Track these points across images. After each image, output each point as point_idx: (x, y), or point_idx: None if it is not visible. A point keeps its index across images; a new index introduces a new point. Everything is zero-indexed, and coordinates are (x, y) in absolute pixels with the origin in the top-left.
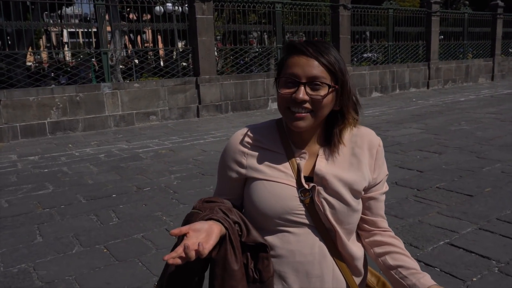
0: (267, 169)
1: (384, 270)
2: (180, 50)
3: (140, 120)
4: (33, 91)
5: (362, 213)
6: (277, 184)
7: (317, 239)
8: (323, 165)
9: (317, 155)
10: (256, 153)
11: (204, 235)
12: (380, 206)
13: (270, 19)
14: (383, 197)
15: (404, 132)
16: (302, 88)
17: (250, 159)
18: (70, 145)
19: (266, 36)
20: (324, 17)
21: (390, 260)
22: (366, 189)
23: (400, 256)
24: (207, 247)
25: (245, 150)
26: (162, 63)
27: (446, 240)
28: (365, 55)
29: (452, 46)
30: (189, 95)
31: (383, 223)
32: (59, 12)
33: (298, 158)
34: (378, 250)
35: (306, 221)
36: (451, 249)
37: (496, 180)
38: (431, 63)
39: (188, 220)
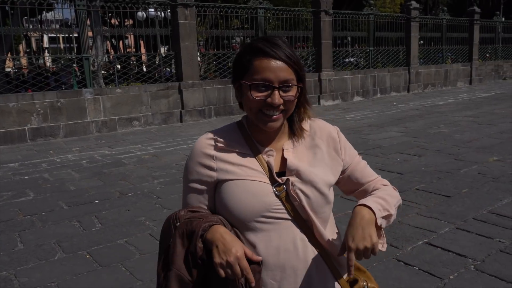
0: (238, 169)
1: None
2: (163, 56)
3: (122, 126)
4: (12, 97)
5: (356, 186)
6: (251, 182)
7: (297, 231)
8: (292, 158)
9: (282, 149)
10: (224, 155)
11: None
12: (366, 173)
13: (252, 24)
14: (363, 163)
15: (385, 136)
16: (277, 92)
17: (219, 162)
18: (51, 152)
19: (249, 41)
20: (306, 23)
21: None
22: (343, 171)
23: (379, 191)
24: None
25: (213, 153)
26: (144, 69)
27: (424, 239)
28: (347, 60)
29: (431, 51)
30: (172, 100)
31: (379, 181)
32: (39, 17)
33: (265, 156)
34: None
35: (285, 215)
36: (430, 249)
37: (473, 181)
38: (411, 68)
39: (189, 230)
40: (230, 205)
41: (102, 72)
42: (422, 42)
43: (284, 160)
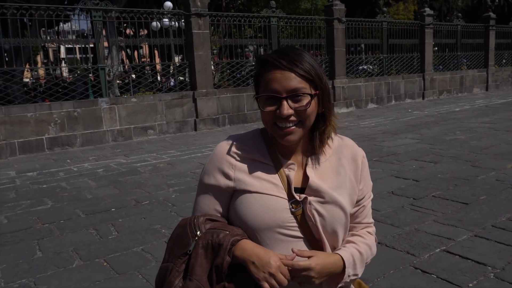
0: (256, 182)
1: None
2: (177, 65)
3: (138, 135)
4: (30, 107)
5: (351, 222)
6: (268, 196)
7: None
8: (314, 177)
9: (305, 164)
10: (244, 165)
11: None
12: (368, 213)
13: (266, 33)
14: (370, 204)
15: (400, 143)
16: (285, 102)
17: (238, 172)
18: (68, 161)
19: (262, 50)
20: (319, 30)
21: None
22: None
23: (356, 237)
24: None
25: (233, 161)
26: (159, 78)
27: (442, 247)
28: (360, 67)
29: (446, 57)
30: (186, 109)
31: (369, 227)
32: (57, 28)
33: (286, 169)
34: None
35: (297, 234)
36: (447, 256)
37: (491, 188)
38: (426, 74)
39: (215, 243)
40: (244, 217)
41: (118, 81)
42: (436, 48)
43: (305, 176)
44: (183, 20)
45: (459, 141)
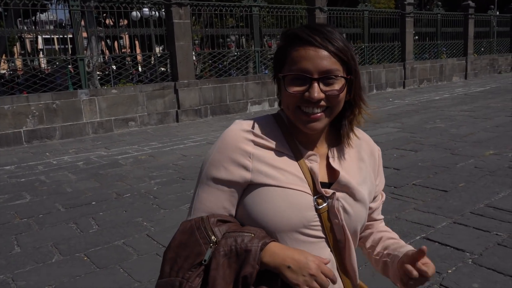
0: (278, 174)
1: (375, 260)
2: (158, 55)
3: (118, 127)
4: (7, 99)
5: (368, 219)
6: (293, 191)
7: (328, 252)
8: (343, 171)
9: (327, 157)
10: (263, 153)
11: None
12: (380, 209)
13: (247, 22)
14: (381, 204)
15: (381, 132)
16: (316, 85)
17: (256, 161)
18: (48, 154)
19: (244, 40)
20: (301, 20)
21: (380, 247)
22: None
23: (389, 240)
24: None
25: (250, 149)
26: (140, 69)
27: (422, 234)
28: None
29: (426, 46)
30: (168, 100)
31: (381, 223)
32: (34, 18)
33: (307, 161)
34: (373, 244)
35: (320, 234)
36: (427, 243)
37: (470, 175)
38: (407, 63)
39: (241, 248)
40: (263, 216)
41: (98, 72)
42: (417, 37)
43: (329, 169)
44: (163, 10)
45: (439, 129)
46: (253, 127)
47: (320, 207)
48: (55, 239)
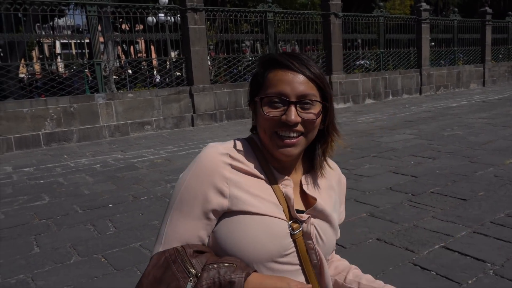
0: (254, 200)
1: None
2: (174, 60)
3: (135, 130)
4: (26, 102)
5: None
6: (270, 219)
7: (303, 278)
8: (319, 198)
9: (300, 183)
10: (239, 179)
11: None
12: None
13: (262, 28)
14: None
15: (398, 138)
16: (293, 108)
17: (233, 187)
18: (65, 156)
19: (258, 45)
20: (315, 25)
21: (352, 276)
22: None
23: (363, 274)
24: None
25: (228, 174)
26: (155, 73)
27: (441, 243)
28: (357, 62)
29: (443, 52)
30: (183, 104)
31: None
32: (51, 23)
33: (281, 186)
34: (339, 272)
35: (294, 260)
36: (447, 253)
37: (489, 184)
38: (423, 70)
39: (224, 281)
40: (239, 246)
41: (114, 77)
42: (433, 43)
43: (303, 196)
44: (179, 15)
45: (457, 136)
46: (229, 150)
47: (295, 232)
48: (73, 240)
